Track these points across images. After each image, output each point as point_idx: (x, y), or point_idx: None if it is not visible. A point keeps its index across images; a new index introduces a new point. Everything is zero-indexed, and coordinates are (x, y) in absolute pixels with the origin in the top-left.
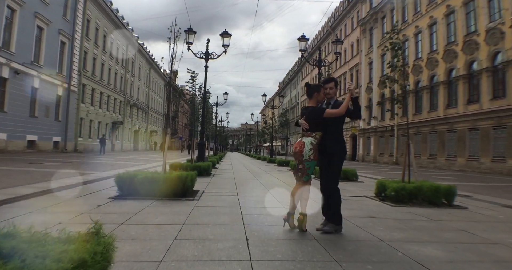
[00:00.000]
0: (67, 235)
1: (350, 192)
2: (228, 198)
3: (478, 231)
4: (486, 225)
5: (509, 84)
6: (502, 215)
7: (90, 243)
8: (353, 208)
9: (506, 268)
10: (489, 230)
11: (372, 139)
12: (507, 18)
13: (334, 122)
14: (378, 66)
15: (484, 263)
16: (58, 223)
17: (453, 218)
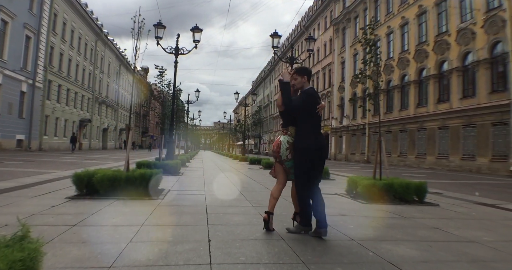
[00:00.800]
0: None
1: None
2: (194, 197)
3: (451, 229)
4: (459, 223)
5: (479, 84)
6: (474, 212)
7: (11, 248)
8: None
9: (483, 268)
10: (463, 228)
11: (344, 137)
12: (479, 18)
13: (303, 116)
14: (351, 66)
15: (460, 263)
16: (5, 225)
17: (426, 216)
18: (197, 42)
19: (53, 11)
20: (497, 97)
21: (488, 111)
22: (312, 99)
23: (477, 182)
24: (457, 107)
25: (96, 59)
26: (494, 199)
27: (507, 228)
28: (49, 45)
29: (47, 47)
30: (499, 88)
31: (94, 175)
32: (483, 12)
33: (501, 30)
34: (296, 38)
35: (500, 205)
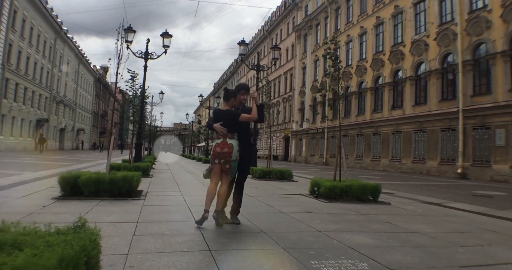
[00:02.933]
0: (56, 229)
1: (286, 191)
2: (173, 198)
3: (400, 223)
4: (407, 218)
5: (430, 92)
6: (420, 209)
7: (81, 233)
8: (291, 204)
9: (423, 252)
10: (409, 222)
11: (304, 140)
12: (432, 31)
13: (244, 125)
14: (311, 71)
15: (405, 248)
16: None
17: (379, 212)
18: (167, 47)
19: (13, 8)
20: (447, 105)
21: (438, 118)
22: None
23: (426, 183)
24: (410, 114)
25: (55, 57)
26: (439, 198)
27: (446, 222)
28: (8, 43)
29: (6, 44)
30: (448, 97)
31: (80, 177)
32: (436, 25)
33: (452, 43)
34: (259, 42)
35: (443, 203)
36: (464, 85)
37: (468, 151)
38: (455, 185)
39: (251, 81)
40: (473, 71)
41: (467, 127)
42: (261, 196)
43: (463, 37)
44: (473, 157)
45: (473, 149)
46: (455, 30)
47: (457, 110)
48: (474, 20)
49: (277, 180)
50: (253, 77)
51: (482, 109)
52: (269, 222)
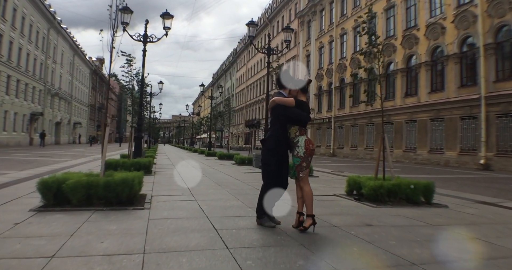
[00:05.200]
0: None
1: (316, 190)
2: (186, 204)
3: (492, 238)
4: (490, 229)
5: (448, 78)
6: (488, 214)
7: None
8: (337, 212)
9: None
10: (502, 237)
11: (309, 130)
12: (449, 13)
13: None
14: (316, 59)
15: None
16: None
17: (447, 221)
18: (168, 29)
19: None
20: (467, 92)
21: (457, 105)
22: None
23: (451, 176)
24: (425, 101)
25: (49, 48)
26: (489, 196)
27: None
28: None
29: None
30: (468, 83)
31: (65, 181)
32: (454, 7)
33: (472, 25)
34: (260, 31)
35: (501, 203)
36: (486, 70)
37: (491, 140)
38: (485, 178)
39: (254, 70)
40: (496, 55)
41: (490, 115)
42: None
43: (484, 19)
44: (497, 147)
45: (497, 138)
46: (475, 12)
47: (478, 97)
48: (496, 1)
49: None
50: (254, 67)
51: (506, 95)
52: (332, 246)
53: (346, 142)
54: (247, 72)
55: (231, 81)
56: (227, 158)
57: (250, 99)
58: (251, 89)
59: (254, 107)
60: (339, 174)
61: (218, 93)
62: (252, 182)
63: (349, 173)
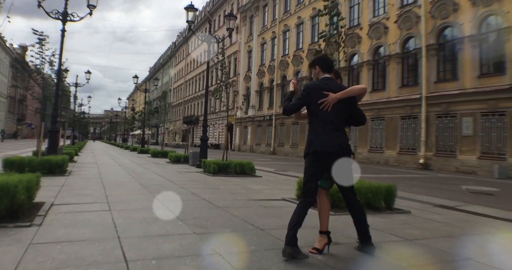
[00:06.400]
0: None
1: (261, 193)
2: (94, 217)
3: (478, 257)
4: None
5: (389, 78)
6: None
7: None
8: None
9: None
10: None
11: (249, 128)
12: (392, 13)
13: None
14: (258, 55)
15: None
16: None
17: (422, 233)
18: (93, 7)
19: None
20: (408, 92)
21: (398, 105)
22: (306, 93)
23: (394, 176)
24: (367, 100)
25: None
26: (440, 198)
27: None
28: None
29: None
30: (409, 83)
31: None
32: (397, 7)
33: (415, 26)
34: (199, 25)
35: (459, 207)
36: (428, 71)
37: (431, 140)
38: (430, 178)
39: (194, 64)
40: (437, 56)
41: (430, 115)
42: (235, 207)
43: (427, 20)
44: (437, 147)
45: (436, 138)
46: (418, 13)
47: (419, 97)
48: (440, 3)
49: (237, 176)
50: (194, 61)
51: (447, 96)
52: None
53: (287, 140)
54: (186, 66)
55: (169, 76)
56: (161, 156)
57: (188, 94)
58: (190, 84)
59: (193, 103)
60: (283, 174)
61: (154, 86)
62: (188, 184)
63: (293, 172)
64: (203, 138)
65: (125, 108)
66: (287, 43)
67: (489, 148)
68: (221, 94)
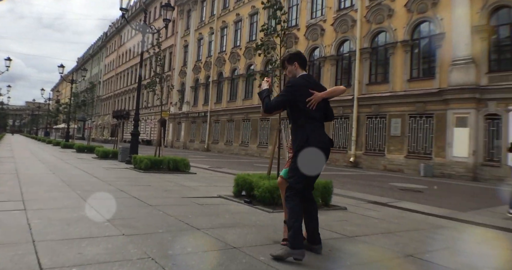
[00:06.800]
0: None
1: (196, 190)
2: (5, 218)
3: (425, 255)
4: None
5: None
6: (393, 218)
7: None
8: (228, 222)
9: None
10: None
11: (183, 124)
12: (330, 16)
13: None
14: (194, 50)
15: None
16: None
17: (363, 230)
18: None
19: None
20: None
21: (331, 105)
22: (293, 90)
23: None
24: None
25: None
26: (375, 195)
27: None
28: None
29: None
30: (343, 84)
31: None
32: (334, 10)
33: (350, 29)
34: (134, 16)
35: (392, 203)
36: (361, 73)
37: (361, 139)
38: (360, 176)
39: (126, 56)
40: (371, 59)
41: (361, 116)
42: (168, 205)
43: (363, 24)
44: (366, 146)
45: (366, 138)
46: (354, 17)
47: (352, 97)
48: (376, 8)
49: (171, 172)
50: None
51: (378, 98)
52: None
53: (222, 137)
54: (117, 58)
55: (99, 67)
56: (88, 151)
57: (119, 87)
58: (121, 77)
59: (124, 97)
60: (218, 171)
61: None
62: (116, 180)
63: (228, 169)
64: (134, 132)
65: (48, 99)
66: (225, 39)
67: (416, 148)
68: (156, 87)
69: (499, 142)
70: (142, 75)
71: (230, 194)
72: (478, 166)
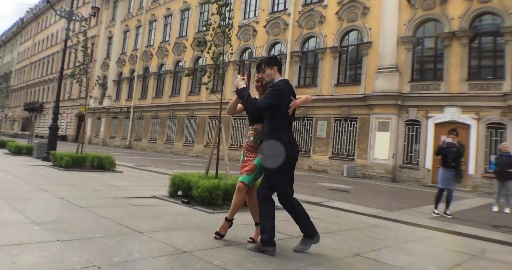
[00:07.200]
0: None
1: (128, 190)
2: None
3: (371, 254)
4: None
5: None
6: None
7: None
8: (171, 224)
9: None
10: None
11: (103, 120)
12: (262, 17)
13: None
14: (119, 42)
15: None
16: None
17: None
18: None
19: None
20: None
21: None
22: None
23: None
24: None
25: None
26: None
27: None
28: None
29: None
30: None
31: None
32: (268, 13)
33: (282, 32)
34: (56, 1)
35: (324, 202)
36: (290, 76)
37: None
38: None
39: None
40: (300, 63)
41: None
42: (101, 207)
43: (295, 28)
44: None
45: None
46: (287, 20)
47: None
48: (308, 13)
49: (95, 171)
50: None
51: None
52: None
53: (145, 134)
54: (33, 46)
55: (11, 55)
56: None
57: (34, 78)
58: (36, 67)
59: (38, 88)
60: (145, 169)
61: None
62: (36, 179)
63: (155, 168)
64: (53, 126)
65: None
66: (153, 33)
67: (340, 150)
68: (83, 77)
69: (417, 146)
70: (63, 65)
71: (165, 194)
72: (397, 168)
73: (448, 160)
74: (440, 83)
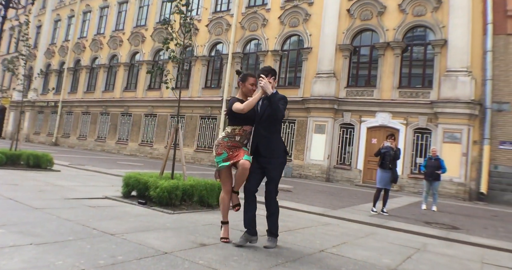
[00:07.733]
0: None
1: (73, 191)
2: None
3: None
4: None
5: (194, 78)
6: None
7: None
8: (138, 225)
9: None
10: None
11: (27, 114)
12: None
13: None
14: (49, 32)
15: None
16: None
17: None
18: None
19: None
20: (209, 93)
21: (199, 105)
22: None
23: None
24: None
25: None
26: None
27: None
28: None
29: None
30: (212, 85)
31: None
32: (210, 12)
33: (224, 33)
34: None
35: None
36: (231, 76)
37: None
38: None
39: None
40: (242, 64)
41: None
42: (57, 208)
43: (237, 29)
44: None
45: None
46: (230, 21)
47: (221, 99)
48: (251, 16)
49: (31, 169)
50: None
51: None
52: None
53: (74, 130)
54: None
55: None
56: None
57: None
58: None
59: None
60: (82, 168)
61: None
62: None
63: (92, 167)
64: None
65: None
66: (87, 25)
67: None
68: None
69: (350, 148)
70: None
71: (117, 194)
72: (331, 168)
73: (386, 162)
74: (373, 89)
